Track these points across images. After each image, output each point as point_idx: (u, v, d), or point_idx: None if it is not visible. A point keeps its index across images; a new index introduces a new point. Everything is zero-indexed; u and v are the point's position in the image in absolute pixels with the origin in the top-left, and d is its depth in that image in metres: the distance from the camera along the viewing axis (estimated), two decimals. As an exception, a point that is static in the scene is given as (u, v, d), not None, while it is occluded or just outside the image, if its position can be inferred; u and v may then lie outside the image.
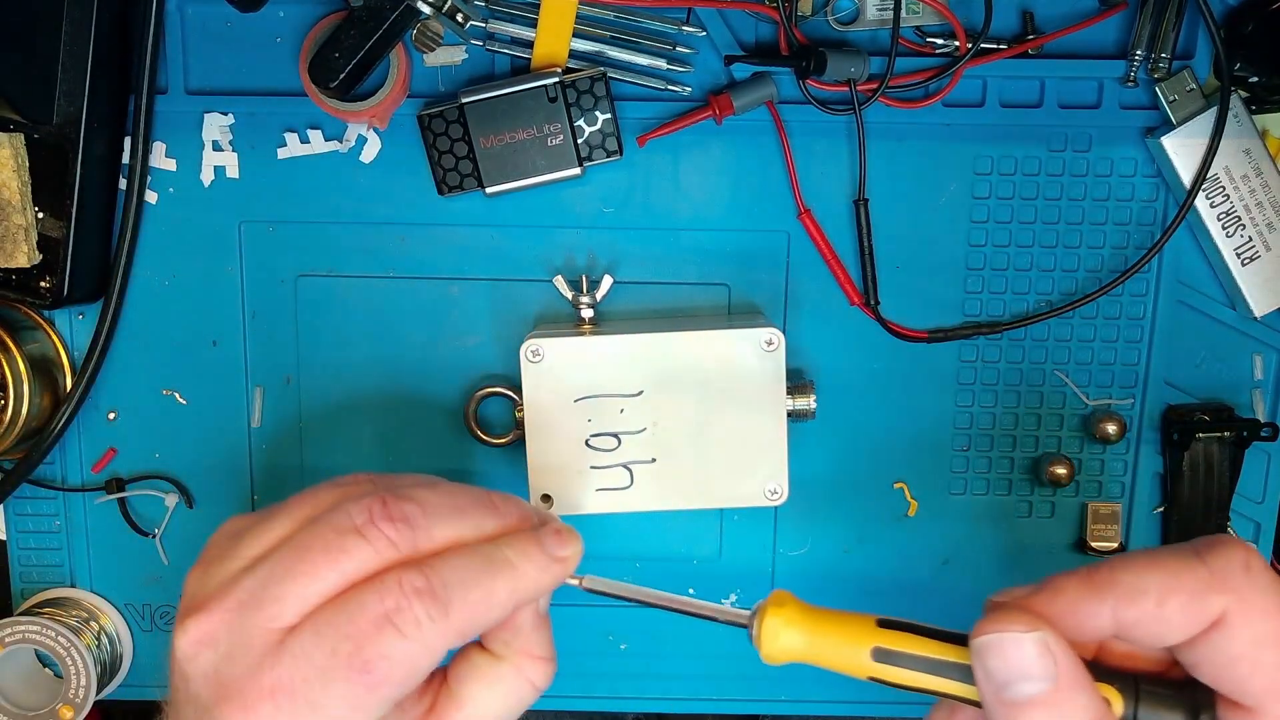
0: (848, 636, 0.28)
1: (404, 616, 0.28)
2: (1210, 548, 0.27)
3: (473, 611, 0.29)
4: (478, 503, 0.32)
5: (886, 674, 0.28)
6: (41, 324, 0.46)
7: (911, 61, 0.44)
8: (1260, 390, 0.47)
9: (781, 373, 0.43)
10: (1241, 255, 0.45)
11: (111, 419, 0.47)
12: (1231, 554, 0.27)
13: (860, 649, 0.28)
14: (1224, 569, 0.26)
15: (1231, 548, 0.27)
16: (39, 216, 0.43)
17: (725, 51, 0.44)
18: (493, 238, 0.46)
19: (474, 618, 0.30)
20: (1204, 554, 0.27)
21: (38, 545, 0.48)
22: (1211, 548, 0.27)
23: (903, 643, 0.28)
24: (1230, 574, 0.26)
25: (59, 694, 0.47)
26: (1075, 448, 0.47)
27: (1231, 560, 0.27)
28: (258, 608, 0.29)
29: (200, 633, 0.29)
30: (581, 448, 0.43)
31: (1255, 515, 0.48)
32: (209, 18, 0.44)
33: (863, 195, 0.45)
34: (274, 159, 0.45)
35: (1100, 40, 0.44)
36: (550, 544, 0.32)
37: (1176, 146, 0.44)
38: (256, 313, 0.47)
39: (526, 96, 0.43)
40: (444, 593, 0.29)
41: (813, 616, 0.29)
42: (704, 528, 0.48)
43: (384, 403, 0.47)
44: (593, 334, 0.43)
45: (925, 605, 0.48)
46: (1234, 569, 0.26)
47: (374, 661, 0.28)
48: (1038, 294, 0.46)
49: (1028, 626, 0.26)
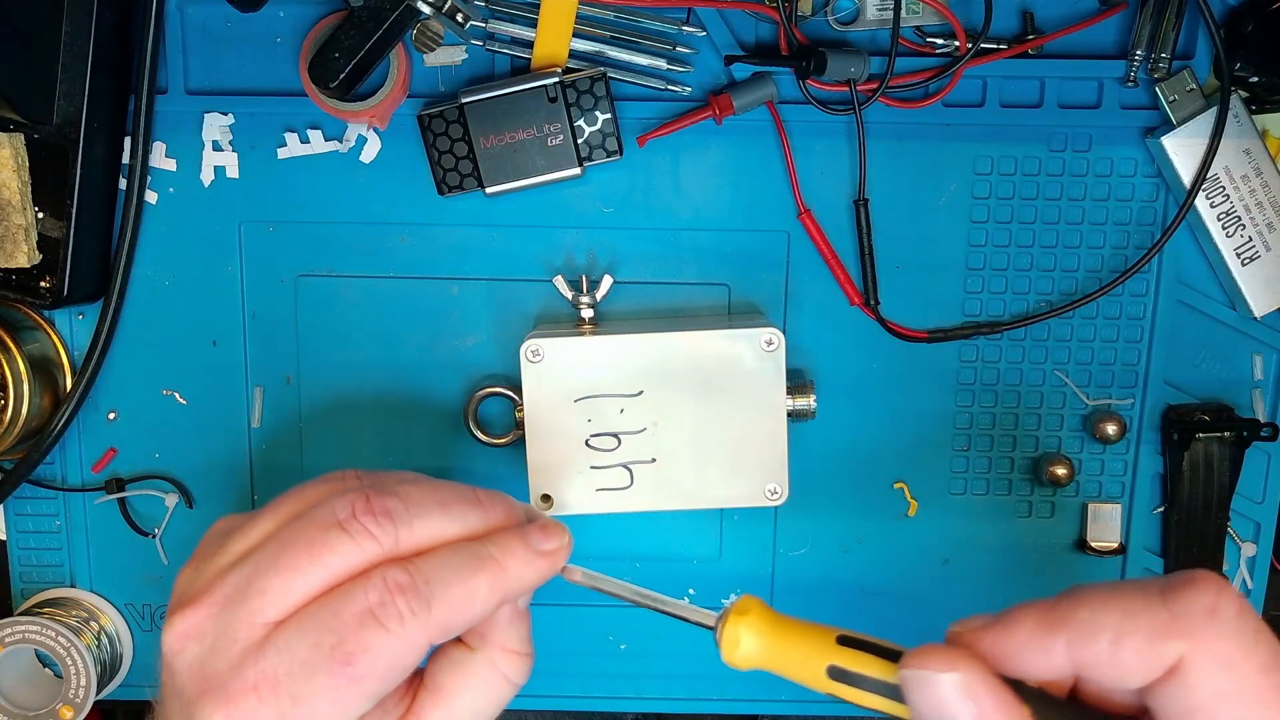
0: (806, 650, 0.28)
1: (387, 611, 0.29)
2: (1177, 587, 0.25)
3: (455, 607, 0.30)
4: (463, 498, 0.32)
5: (841, 691, 0.28)
6: (41, 324, 0.46)
7: (911, 61, 0.44)
8: (1260, 390, 0.47)
9: (781, 373, 0.43)
10: (1241, 255, 0.45)
11: (111, 419, 0.47)
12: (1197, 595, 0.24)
13: (817, 665, 0.28)
14: (1186, 611, 0.24)
15: (1199, 588, 0.24)
16: (39, 216, 0.43)
17: (725, 51, 0.44)
18: (493, 238, 0.46)
19: (456, 614, 0.30)
20: (1168, 593, 0.25)
21: (38, 545, 0.48)
22: (1178, 587, 0.25)
23: (858, 663, 0.27)
24: (1191, 617, 0.24)
25: (59, 694, 0.47)
26: (1075, 448, 0.47)
27: (1195, 602, 0.24)
28: (242, 602, 0.29)
29: (186, 626, 0.30)
30: (581, 448, 0.43)
31: (1255, 515, 0.48)
32: (209, 18, 0.44)
33: (863, 195, 0.45)
34: (274, 159, 0.45)
35: (1100, 40, 0.44)
36: (536, 540, 0.32)
37: (1176, 146, 0.44)
38: (256, 313, 0.47)
39: (526, 96, 0.43)
40: (427, 589, 0.29)
41: (776, 627, 0.29)
42: (704, 528, 0.48)
43: (384, 403, 0.47)
44: (593, 334, 0.43)
45: (925, 605, 0.48)
46: (1196, 611, 0.24)
47: (356, 655, 0.28)
48: (1038, 294, 0.46)
49: (945, 667, 0.25)
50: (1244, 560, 0.48)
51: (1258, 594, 0.48)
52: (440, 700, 0.32)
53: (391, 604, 0.29)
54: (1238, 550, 0.48)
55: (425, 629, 0.29)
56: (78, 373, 0.45)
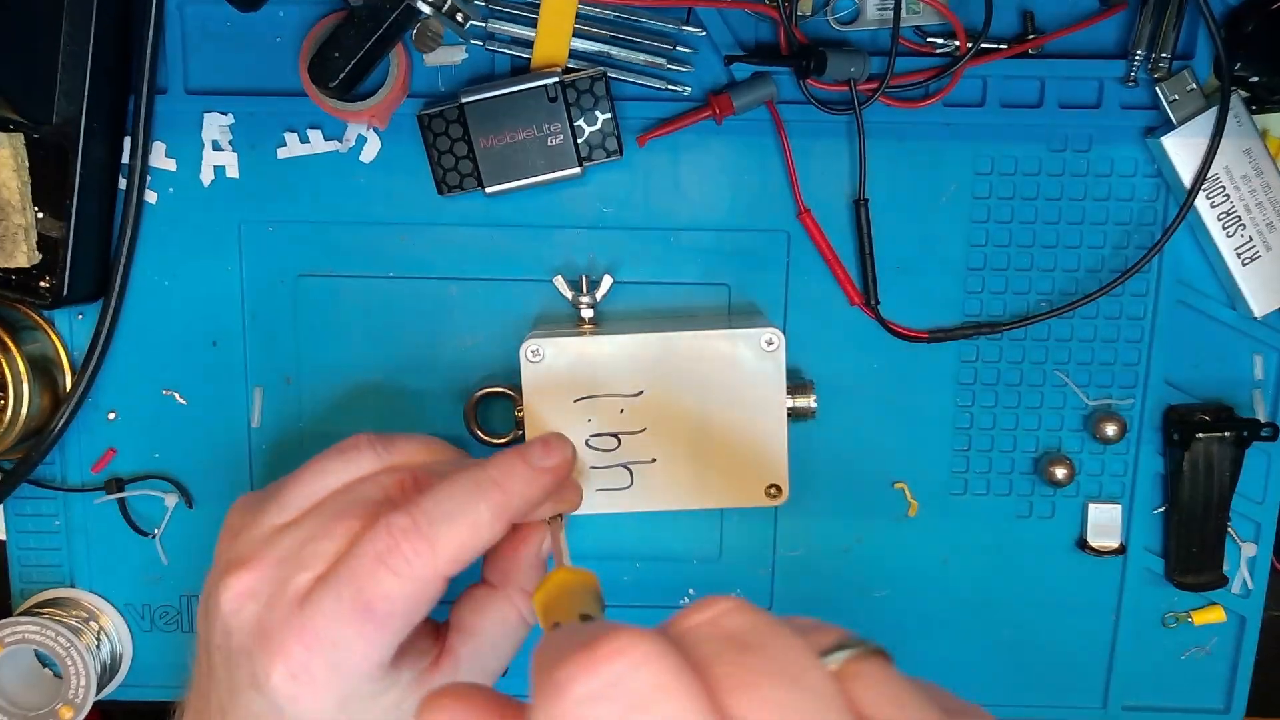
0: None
1: (394, 557, 0.31)
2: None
3: (459, 540, 0.32)
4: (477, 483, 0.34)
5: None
6: (41, 324, 0.46)
7: (911, 61, 0.44)
8: (1260, 390, 0.47)
9: (781, 373, 0.43)
10: (1241, 255, 0.45)
11: (111, 419, 0.47)
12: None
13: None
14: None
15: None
16: (39, 216, 0.43)
17: (725, 51, 0.44)
18: (493, 238, 0.46)
19: (462, 546, 0.32)
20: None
21: (37, 545, 0.48)
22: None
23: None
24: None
25: (59, 694, 0.47)
26: (1075, 448, 0.47)
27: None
28: (296, 564, 0.32)
29: (243, 586, 0.33)
30: (581, 448, 0.43)
31: (1255, 515, 0.48)
32: (209, 18, 0.44)
33: (863, 195, 0.45)
34: (274, 159, 0.45)
35: (1100, 40, 0.44)
36: (536, 456, 0.34)
37: (1177, 146, 0.44)
38: (256, 313, 0.46)
39: (526, 96, 0.43)
40: (429, 528, 0.31)
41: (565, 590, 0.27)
42: (704, 528, 0.48)
43: (384, 403, 0.47)
44: (593, 334, 0.43)
45: (925, 605, 0.48)
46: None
47: (375, 602, 0.31)
48: (1038, 294, 0.46)
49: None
50: (1244, 560, 0.48)
51: (1258, 594, 0.48)
52: (466, 637, 0.36)
53: (397, 549, 0.31)
54: (1238, 550, 0.48)
55: (434, 566, 0.31)
56: (78, 373, 0.45)
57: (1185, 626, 0.49)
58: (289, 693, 0.31)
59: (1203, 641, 0.49)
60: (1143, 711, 0.50)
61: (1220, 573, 0.47)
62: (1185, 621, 0.49)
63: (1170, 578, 0.48)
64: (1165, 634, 0.49)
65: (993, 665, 0.49)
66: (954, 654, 0.49)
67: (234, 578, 0.33)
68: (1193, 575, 0.47)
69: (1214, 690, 0.50)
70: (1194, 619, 0.48)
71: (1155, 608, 0.49)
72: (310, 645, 0.31)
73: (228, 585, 0.33)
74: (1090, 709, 0.50)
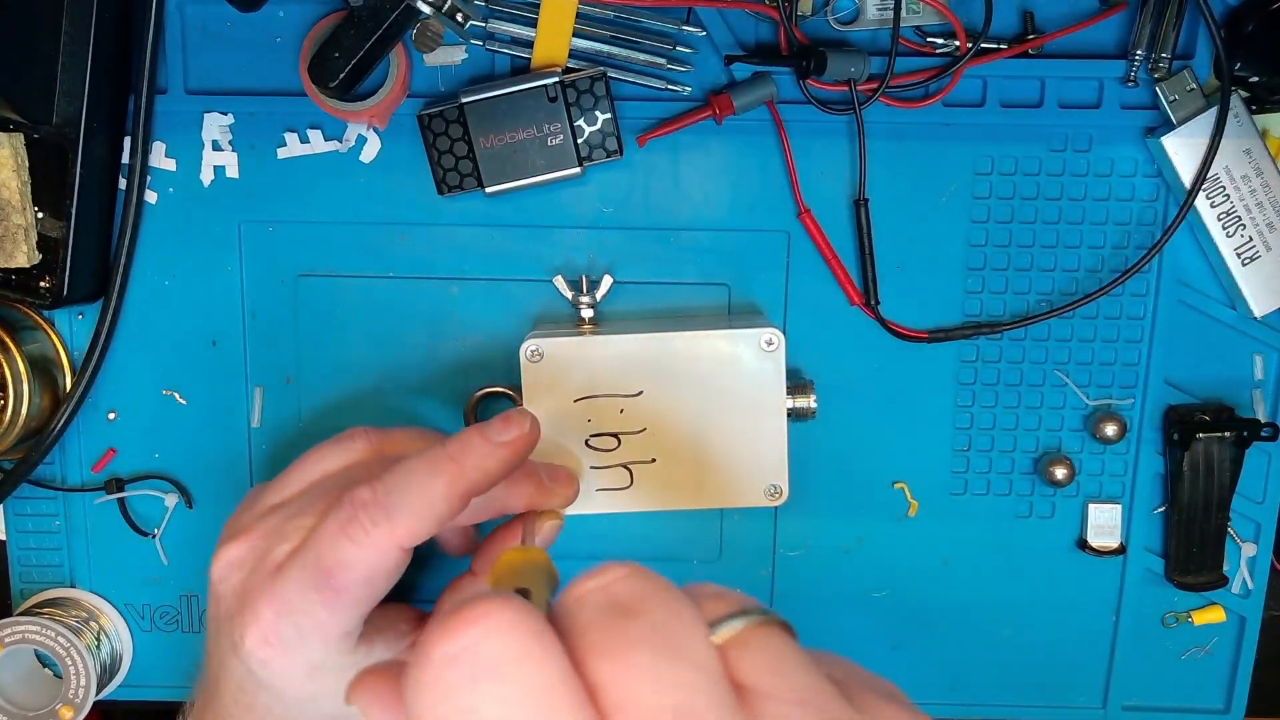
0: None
1: (353, 527, 0.33)
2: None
3: (417, 511, 0.33)
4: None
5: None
6: (41, 324, 0.46)
7: (911, 61, 0.44)
8: (1260, 390, 0.47)
9: (781, 373, 0.43)
10: (1241, 255, 0.45)
11: (111, 419, 0.47)
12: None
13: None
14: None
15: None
16: (39, 216, 0.43)
17: (725, 51, 0.44)
18: (493, 238, 0.46)
19: (420, 518, 0.33)
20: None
21: (37, 545, 0.48)
22: None
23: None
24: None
25: (59, 694, 0.47)
26: (1075, 448, 0.47)
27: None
28: (279, 537, 0.35)
29: (230, 556, 0.35)
30: (581, 448, 0.43)
31: (1255, 515, 0.48)
32: (209, 18, 0.44)
33: (863, 195, 0.45)
34: (274, 159, 0.45)
35: (1100, 40, 0.44)
36: (494, 431, 0.35)
37: (1177, 146, 0.44)
38: (256, 313, 0.46)
39: (526, 96, 0.43)
40: (388, 499, 0.33)
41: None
42: (704, 528, 0.48)
43: (384, 403, 0.47)
44: (593, 334, 0.43)
45: (925, 605, 0.48)
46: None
47: (335, 570, 0.32)
48: (1038, 294, 0.46)
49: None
50: (1244, 560, 0.48)
51: (1258, 594, 0.48)
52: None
53: (356, 519, 0.33)
54: (1238, 550, 0.48)
55: (392, 536, 0.33)
56: (77, 373, 0.45)
57: (1185, 626, 0.49)
58: (261, 656, 0.33)
59: (1203, 641, 0.49)
60: (1143, 711, 0.50)
61: (1220, 573, 0.47)
62: (1185, 621, 0.49)
63: (1170, 578, 0.48)
64: (1165, 634, 0.49)
65: (993, 665, 0.49)
66: (954, 654, 0.49)
67: (224, 549, 0.35)
68: (1193, 575, 0.47)
69: (1214, 690, 0.50)
70: (1194, 619, 0.48)
71: (1155, 608, 0.49)
72: (279, 610, 0.33)
73: (218, 556, 0.36)
74: (1090, 709, 0.50)
